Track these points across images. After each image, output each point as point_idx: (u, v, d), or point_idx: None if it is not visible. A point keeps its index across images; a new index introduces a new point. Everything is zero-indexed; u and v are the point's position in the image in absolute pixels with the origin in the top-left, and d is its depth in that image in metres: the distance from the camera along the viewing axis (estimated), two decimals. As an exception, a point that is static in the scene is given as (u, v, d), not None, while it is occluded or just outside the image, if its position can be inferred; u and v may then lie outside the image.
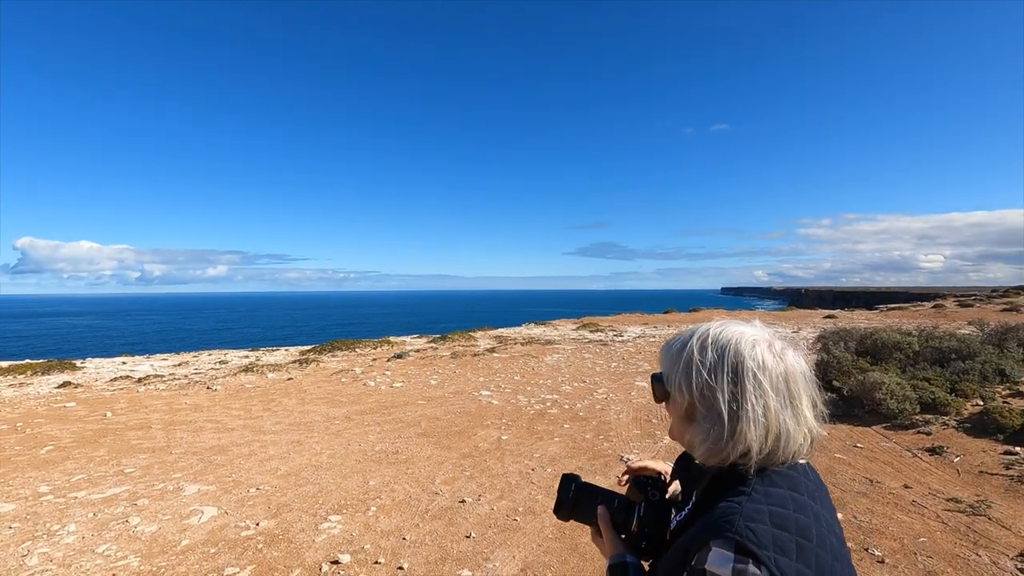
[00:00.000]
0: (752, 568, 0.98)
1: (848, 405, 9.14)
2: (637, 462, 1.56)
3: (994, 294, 45.84)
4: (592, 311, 55.32)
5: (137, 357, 19.93)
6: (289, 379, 13.66)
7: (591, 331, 24.22)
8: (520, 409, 10.25)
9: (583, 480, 1.45)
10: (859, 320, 28.05)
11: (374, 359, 16.35)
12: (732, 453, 1.16)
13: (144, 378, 14.21)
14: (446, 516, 5.64)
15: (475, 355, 16.75)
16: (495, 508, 5.85)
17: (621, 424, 9.15)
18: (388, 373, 14.02)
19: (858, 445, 7.84)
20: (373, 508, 5.83)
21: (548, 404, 10.59)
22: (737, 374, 1.17)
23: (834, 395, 9.43)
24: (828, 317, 31.55)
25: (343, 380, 13.32)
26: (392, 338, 22.01)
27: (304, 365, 15.10)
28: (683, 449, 1.35)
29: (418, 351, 17.86)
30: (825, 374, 10.51)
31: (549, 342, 20.38)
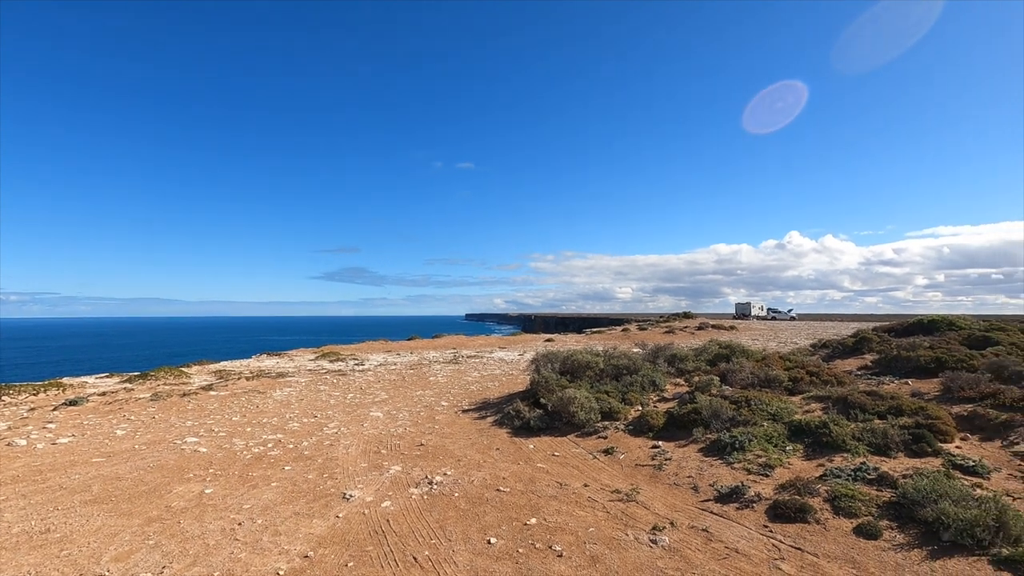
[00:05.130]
0: None
1: (551, 419, 10.60)
2: None
3: (660, 320, 59.21)
4: (337, 339, 53.13)
5: None
6: None
7: (331, 361, 23.14)
8: (234, 455, 9.10)
9: None
10: (570, 343, 33.05)
11: (32, 408, 12.62)
12: None
13: None
14: (110, 603, 4.60)
15: (185, 395, 14.35)
16: (182, 579, 5.01)
17: (349, 459, 8.87)
18: (52, 426, 10.97)
19: (556, 454, 9.12)
20: (-7, 614, 4.41)
21: (270, 445, 9.65)
22: None
23: (541, 411, 10.84)
24: (548, 340, 36.35)
25: (-26, 441, 9.91)
26: (67, 379, 17.38)
27: (-96, 425, 10.76)
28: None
29: (104, 394, 14.46)
30: (535, 393, 12.01)
31: (282, 375, 18.75)
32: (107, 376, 18.51)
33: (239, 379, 17.42)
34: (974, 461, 7.31)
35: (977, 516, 5.30)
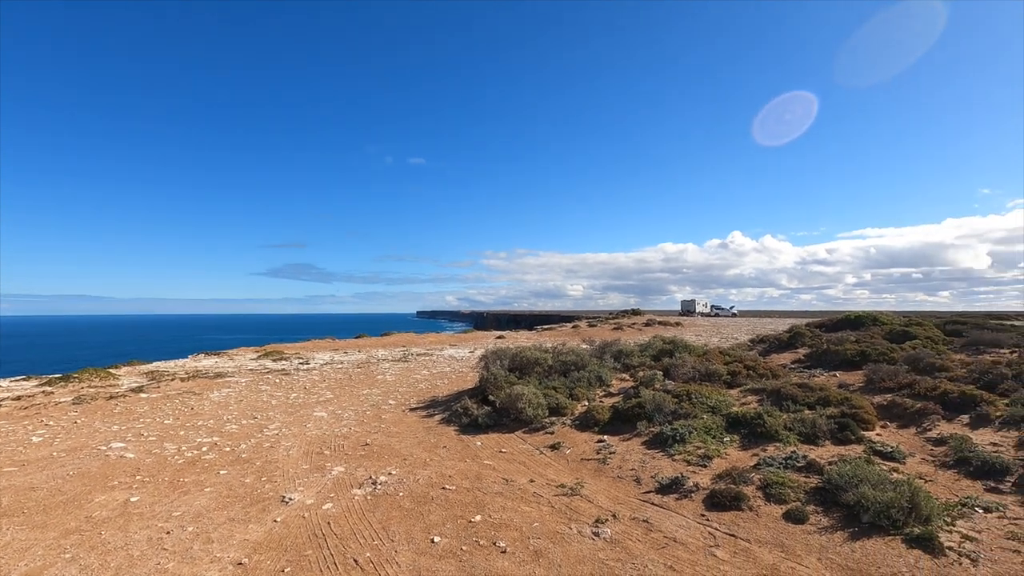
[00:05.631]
0: None
1: (499, 415, 10.60)
2: None
3: (610, 317, 60.36)
4: (281, 337, 51.21)
5: None
6: None
7: (274, 360, 22.33)
8: (165, 460, 8.63)
9: None
10: (521, 340, 33.20)
11: (-66, 415, 11.55)
12: None
13: None
14: (18, 623, 4.26)
15: (112, 397, 13.49)
16: (101, 594, 4.70)
17: (290, 461, 8.58)
18: (-43, 434, 10.07)
19: (503, 450, 9.13)
20: None
21: (205, 449, 9.21)
22: None
23: (489, 408, 10.83)
24: (499, 338, 36.42)
25: None
26: (-23, 383, 16.02)
27: None
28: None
29: (19, 398, 13.41)
30: (484, 390, 12.00)
31: (220, 375, 17.94)
32: (24, 379, 17.19)
33: (173, 380, 16.55)
34: (892, 447, 7.82)
35: (892, 498, 5.67)
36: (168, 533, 5.93)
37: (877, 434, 8.62)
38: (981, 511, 5.97)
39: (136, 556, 5.40)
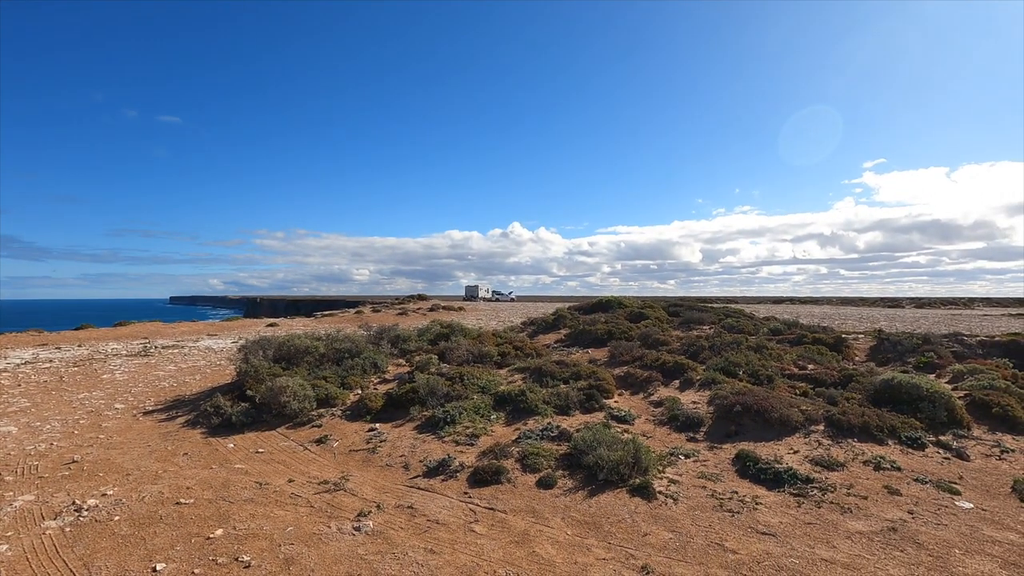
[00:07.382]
0: None
1: (259, 412, 9.51)
2: None
3: (396, 302, 59.86)
4: (-42, 331, 38.34)
5: None
6: None
7: (-63, 361, 16.62)
8: None
9: None
10: (296, 327, 30.71)
11: None
12: None
13: None
14: None
15: None
16: None
17: (-57, 496, 6.38)
18: None
19: (260, 450, 8.19)
20: None
21: None
22: None
23: (247, 404, 9.64)
24: (271, 325, 33.13)
25: None
26: None
27: None
28: None
29: None
30: (242, 384, 10.66)
31: None
32: None
33: None
34: (625, 411, 9.16)
35: (621, 456, 6.58)
36: None
37: (615, 401, 10.01)
38: (683, 458, 7.32)
39: None
